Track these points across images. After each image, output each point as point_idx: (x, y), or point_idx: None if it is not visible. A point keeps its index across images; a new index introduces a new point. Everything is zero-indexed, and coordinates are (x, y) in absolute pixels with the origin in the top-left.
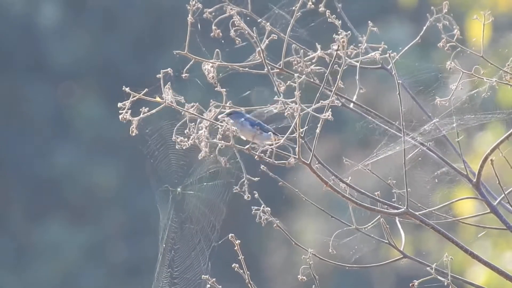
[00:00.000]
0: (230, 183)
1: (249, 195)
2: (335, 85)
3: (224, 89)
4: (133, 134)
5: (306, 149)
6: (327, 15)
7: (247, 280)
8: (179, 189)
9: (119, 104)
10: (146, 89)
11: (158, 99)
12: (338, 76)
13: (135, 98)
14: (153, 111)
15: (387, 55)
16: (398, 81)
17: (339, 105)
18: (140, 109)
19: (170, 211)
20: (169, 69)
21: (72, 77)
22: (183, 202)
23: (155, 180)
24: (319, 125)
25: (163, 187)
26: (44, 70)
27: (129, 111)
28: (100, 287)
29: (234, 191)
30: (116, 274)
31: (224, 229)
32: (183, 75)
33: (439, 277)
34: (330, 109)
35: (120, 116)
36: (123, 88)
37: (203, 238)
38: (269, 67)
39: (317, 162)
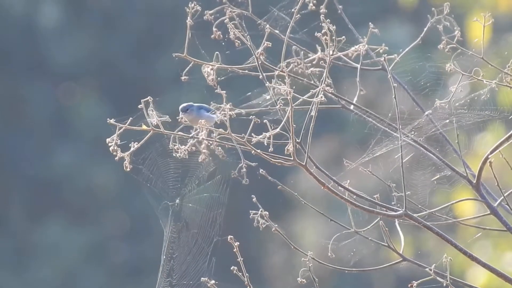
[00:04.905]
0: (228, 174)
1: (247, 179)
2: (323, 77)
3: (224, 92)
4: (127, 169)
5: (304, 149)
6: (321, 19)
7: (246, 282)
8: (177, 201)
9: (107, 140)
10: (130, 118)
11: (144, 127)
12: (325, 71)
13: (121, 130)
14: (142, 141)
15: (383, 58)
16: (394, 85)
17: (331, 91)
18: (129, 144)
19: (170, 223)
20: (149, 97)
21: (72, 78)
22: (181, 211)
23: (154, 200)
24: (313, 107)
25: (162, 204)
26: (44, 70)
27: (119, 141)
28: (100, 287)
29: (232, 176)
30: (116, 274)
31: (224, 230)
32: (183, 78)
33: (438, 278)
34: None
35: (111, 149)
36: (107, 121)
37: (201, 237)
38: (267, 71)
39: (314, 166)
